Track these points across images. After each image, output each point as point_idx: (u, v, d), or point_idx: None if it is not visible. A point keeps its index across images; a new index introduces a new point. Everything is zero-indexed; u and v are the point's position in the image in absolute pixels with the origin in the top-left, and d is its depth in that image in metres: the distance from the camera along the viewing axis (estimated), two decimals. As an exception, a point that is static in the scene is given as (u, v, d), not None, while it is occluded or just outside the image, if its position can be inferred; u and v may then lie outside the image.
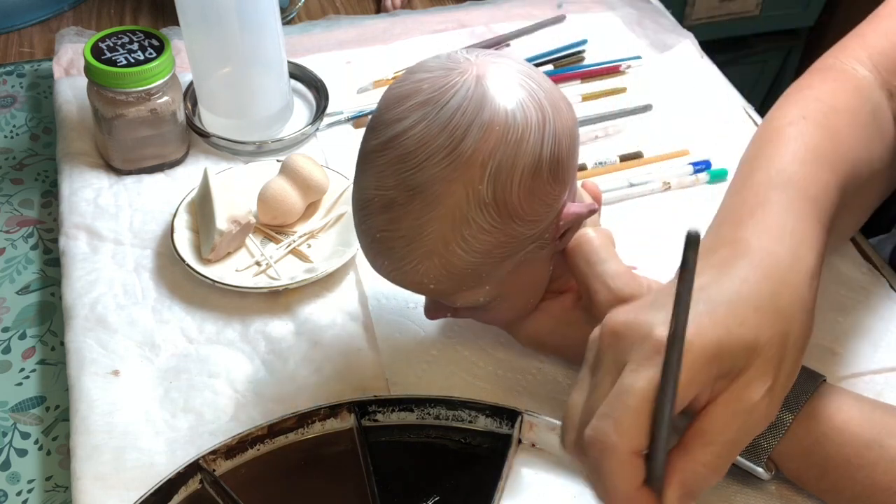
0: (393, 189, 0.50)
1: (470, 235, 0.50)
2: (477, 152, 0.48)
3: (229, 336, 0.64)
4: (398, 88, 0.51)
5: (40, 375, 0.63)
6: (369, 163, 0.52)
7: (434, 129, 0.49)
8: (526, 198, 0.50)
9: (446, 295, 0.55)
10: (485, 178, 0.49)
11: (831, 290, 0.67)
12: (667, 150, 0.79)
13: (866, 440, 0.51)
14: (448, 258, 0.51)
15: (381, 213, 0.51)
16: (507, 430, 0.57)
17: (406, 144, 0.49)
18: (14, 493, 0.57)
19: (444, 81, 0.50)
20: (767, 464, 0.53)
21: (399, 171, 0.50)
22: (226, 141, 0.78)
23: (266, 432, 0.56)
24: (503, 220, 0.50)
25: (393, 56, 0.89)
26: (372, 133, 0.52)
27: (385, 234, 0.51)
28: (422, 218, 0.50)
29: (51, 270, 0.70)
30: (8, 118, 0.84)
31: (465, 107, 0.49)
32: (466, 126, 0.48)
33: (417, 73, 0.51)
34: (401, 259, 0.52)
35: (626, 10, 0.97)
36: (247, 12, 0.73)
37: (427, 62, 0.52)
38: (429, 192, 0.49)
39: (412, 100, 0.50)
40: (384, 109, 0.51)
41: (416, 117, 0.49)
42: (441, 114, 0.49)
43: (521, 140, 0.49)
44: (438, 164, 0.49)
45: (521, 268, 0.54)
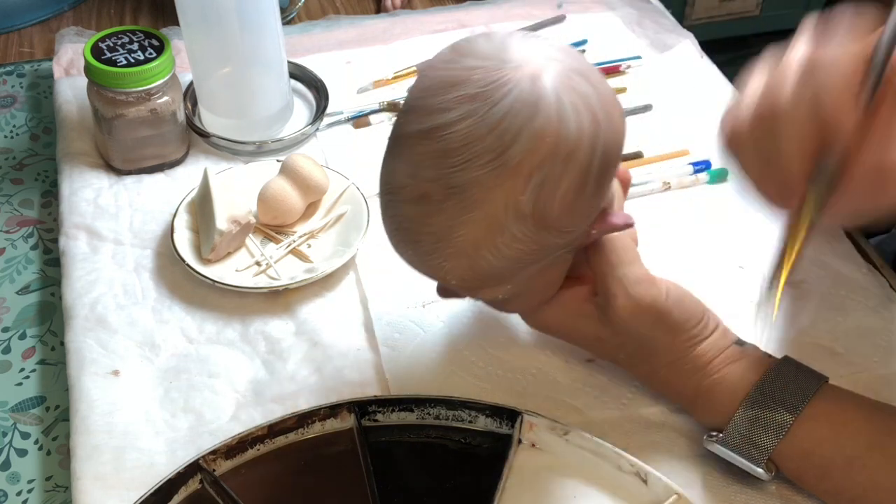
0: (429, 183, 0.47)
1: (502, 243, 0.48)
2: (524, 162, 0.46)
3: (229, 336, 0.64)
4: (445, 71, 0.48)
5: (40, 375, 0.63)
6: (406, 148, 0.49)
7: (482, 129, 0.46)
8: (566, 212, 0.48)
9: (466, 290, 0.54)
10: (527, 189, 0.46)
11: (831, 290, 0.67)
12: (667, 150, 0.79)
13: (867, 441, 0.51)
14: (476, 261, 0.49)
15: (413, 204, 0.49)
16: (507, 430, 0.57)
17: (450, 139, 0.46)
18: (14, 493, 0.57)
19: (497, 76, 0.46)
20: (768, 464, 0.53)
21: (439, 167, 0.47)
22: (226, 141, 0.78)
23: (266, 432, 0.56)
24: (538, 231, 0.48)
25: (393, 56, 0.89)
26: (412, 115, 0.48)
27: (413, 225, 0.49)
28: (456, 219, 0.48)
29: (51, 270, 0.70)
30: (8, 118, 0.84)
31: (517, 109, 0.46)
32: (517, 132, 0.46)
33: (467, 58, 0.47)
34: (426, 254, 0.50)
35: (626, 10, 0.97)
36: (247, 12, 0.73)
37: (478, 44, 0.48)
38: (467, 195, 0.47)
39: (460, 90, 0.46)
40: (428, 93, 0.48)
41: (463, 111, 0.46)
42: (491, 113, 0.46)
43: (571, 154, 0.46)
44: (482, 167, 0.46)
45: (545, 270, 0.53)
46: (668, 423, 0.59)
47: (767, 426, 0.52)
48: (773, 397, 0.52)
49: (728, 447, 0.53)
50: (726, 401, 0.54)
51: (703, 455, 0.57)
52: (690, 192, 0.76)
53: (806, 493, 0.54)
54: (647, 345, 0.55)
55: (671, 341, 0.55)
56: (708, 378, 0.55)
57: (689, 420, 0.58)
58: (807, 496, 0.54)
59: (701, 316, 0.55)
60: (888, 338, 0.64)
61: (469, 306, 0.66)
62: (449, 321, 0.65)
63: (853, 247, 0.70)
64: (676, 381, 0.56)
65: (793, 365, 0.54)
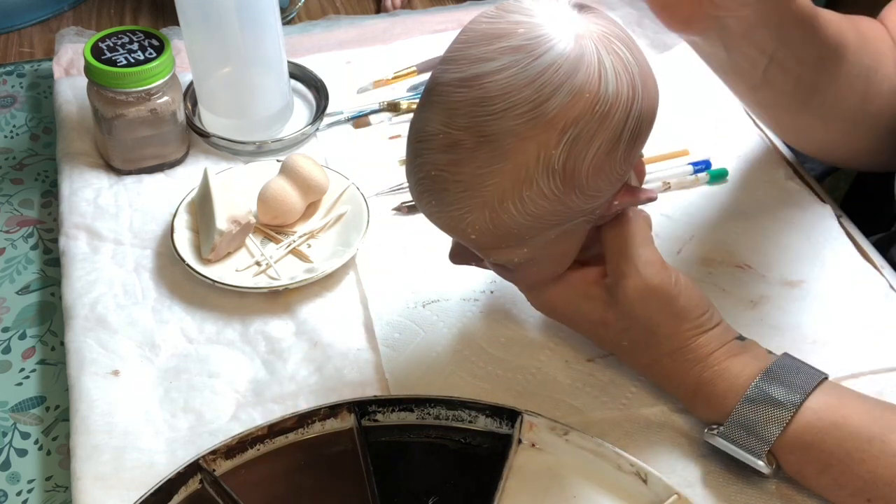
0: (462, 130, 0.48)
1: (528, 198, 0.49)
2: (560, 116, 0.46)
3: (229, 336, 0.64)
4: (490, 24, 0.48)
5: (40, 375, 0.63)
6: (441, 96, 0.49)
7: (522, 80, 0.46)
8: (595, 172, 0.49)
9: (483, 248, 0.53)
10: (561, 143, 0.47)
11: (831, 290, 0.67)
12: (667, 150, 0.79)
13: (867, 435, 0.51)
14: (499, 214, 0.49)
15: (443, 151, 0.49)
16: (507, 430, 0.57)
17: (489, 88, 0.47)
18: (14, 493, 0.57)
19: (542, 31, 0.47)
20: (768, 457, 0.53)
21: (474, 114, 0.47)
22: (226, 141, 0.78)
23: (266, 432, 0.56)
24: (565, 190, 0.49)
25: (393, 56, 0.89)
26: (451, 64, 0.49)
27: (442, 174, 0.49)
28: (486, 168, 0.48)
29: (51, 270, 0.70)
30: (8, 118, 0.84)
31: (558, 64, 0.46)
32: (557, 85, 0.46)
33: (513, 14, 0.48)
34: (451, 203, 0.50)
35: (626, 10, 0.97)
36: (247, 12, 0.73)
37: (525, 3, 0.49)
38: (500, 144, 0.47)
39: (504, 42, 0.47)
40: (469, 43, 0.48)
41: (505, 61, 0.46)
42: (533, 65, 0.46)
43: (606, 114, 0.47)
44: (518, 117, 0.46)
45: (562, 237, 0.53)
46: (668, 423, 0.59)
47: (768, 419, 0.52)
48: (774, 391, 0.53)
49: (728, 440, 0.53)
50: (727, 393, 0.54)
51: (703, 455, 0.57)
52: (690, 192, 0.76)
53: (806, 492, 0.55)
54: (651, 330, 0.55)
55: (676, 328, 0.55)
56: (709, 370, 0.55)
57: (690, 420, 0.58)
58: (807, 496, 0.55)
59: (707, 307, 0.56)
60: (888, 338, 0.64)
61: (469, 307, 0.66)
62: (449, 321, 0.65)
63: (853, 247, 0.71)
64: (678, 371, 0.56)
65: (793, 361, 0.55)
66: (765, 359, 0.55)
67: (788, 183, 0.76)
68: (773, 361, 0.55)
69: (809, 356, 0.56)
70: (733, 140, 0.80)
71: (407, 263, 0.68)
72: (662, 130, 0.81)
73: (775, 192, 0.75)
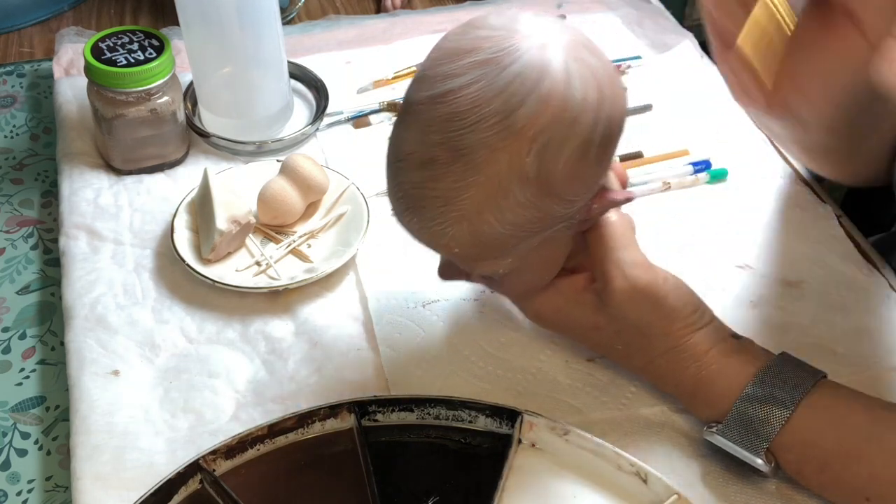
0: (437, 146, 0.49)
1: (506, 207, 0.49)
2: (529, 125, 0.47)
3: (229, 336, 0.64)
4: (456, 41, 0.49)
5: (40, 375, 0.63)
6: (415, 115, 0.50)
7: (490, 93, 0.47)
8: (568, 177, 0.49)
9: (467, 260, 0.54)
10: (532, 151, 0.48)
11: (831, 290, 0.67)
12: (667, 150, 0.79)
13: (866, 433, 0.51)
14: (479, 226, 0.50)
15: (420, 168, 0.49)
16: (507, 430, 0.57)
17: (459, 103, 0.47)
18: (14, 493, 0.57)
19: (507, 43, 0.48)
20: (767, 455, 0.53)
21: (446, 130, 0.48)
22: (226, 141, 0.78)
23: (266, 432, 0.56)
24: (541, 197, 0.49)
25: (393, 56, 0.89)
26: (422, 84, 0.50)
27: (420, 190, 0.50)
28: (461, 181, 0.49)
29: (51, 270, 0.70)
30: (8, 118, 0.84)
31: (525, 74, 0.47)
32: (524, 95, 0.47)
33: (479, 30, 0.49)
34: (431, 219, 0.51)
35: (626, 10, 0.97)
36: (247, 12, 0.73)
37: (489, 19, 0.50)
38: (473, 157, 0.48)
39: (471, 57, 0.48)
40: (439, 61, 0.49)
41: (473, 76, 0.47)
42: (500, 77, 0.47)
43: (575, 120, 0.48)
44: (489, 129, 0.47)
45: (545, 244, 0.53)
46: (668, 423, 0.59)
47: (767, 416, 0.52)
48: (773, 389, 0.53)
49: (727, 437, 0.53)
50: (726, 392, 0.54)
51: (703, 455, 0.57)
52: (690, 192, 0.76)
53: (806, 492, 0.55)
54: (643, 331, 0.56)
55: (667, 327, 0.55)
56: (706, 368, 0.55)
57: (690, 420, 0.58)
58: (807, 495, 0.55)
59: (697, 305, 0.56)
60: (888, 338, 0.64)
61: (469, 307, 0.66)
62: (449, 321, 0.65)
63: (853, 247, 0.71)
64: (674, 371, 0.56)
65: (792, 359, 0.55)
66: (763, 357, 0.55)
67: (788, 183, 0.76)
68: (771, 360, 0.55)
69: (809, 356, 0.56)
70: (733, 140, 0.80)
71: (407, 263, 0.68)
72: (662, 130, 0.82)
73: (775, 192, 0.75)
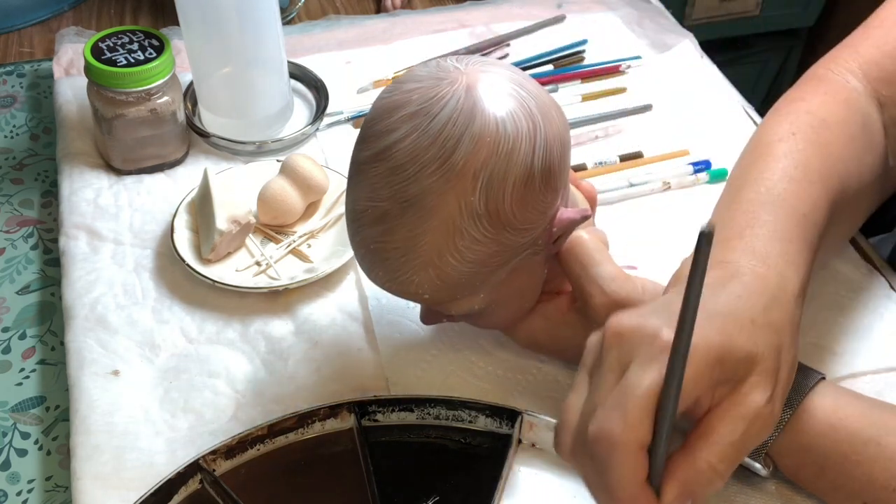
0: (386, 201, 0.50)
1: (463, 246, 0.50)
2: (468, 164, 0.49)
3: (229, 336, 0.64)
4: (387, 99, 0.51)
5: (40, 375, 0.63)
6: (361, 174, 0.52)
7: (425, 141, 0.49)
8: (518, 207, 0.50)
9: (441, 304, 0.55)
10: (477, 189, 0.49)
11: (831, 290, 0.67)
12: (667, 150, 0.79)
13: (864, 437, 0.51)
14: (442, 269, 0.51)
15: (375, 224, 0.51)
16: (507, 430, 0.57)
17: (397, 157, 0.49)
18: (14, 493, 0.57)
19: (433, 92, 0.50)
20: (765, 460, 0.53)
21: (392, 183, 0.50)
22: (226, 141, 0.78)
23: (266, 432, 0.56)
24: (496, 230, 0.50)
25: (393, 56, 0.89)
26: (363, 144, 0.52)
27: (379, 245, 0.51)
28: (416, 230, 0.50)
29: (51, 270, 0.70)
30: (8, 118, 0.84)
31: (454, 118, 0.49)
32: (457, 138, 0.48)
33: (407, 83, 0.51)
34: (395, 270, 0.52)
35: (626, 10, 0.97)
36: (247, 12, 0.73)
37: (417, 71, 0.52)
38: (422, 204, 0.49)
39: (402, 111, 0.50)
40: (374, 120, 0.51)
41: (406, 129, 0.49)
42: (431, 125, 0.49)
43: (511, 151, 0.49)
44: (431, 175, 0.49)
45: (515, 274, 0.54)
46: (668, 423, 0.58)
47: None
48: None
49: None
50: None
51: (702, 455, 0.57)
52: (690, 192, 0.76)
53: (805, 492, 0.54)
54: None
55: None
56: None
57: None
58: (806, 496, 0.55)
59: None
60: (888, 338, 0.64)
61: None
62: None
63: (853, 247, 0.70)
64: None
65: None
66: None
67: (788, 183, 0.76)
68: None
69: (809, 357, 0.56)
70: (733, 140, 0.80)
71: (407, 263, 0.68)
72: (662, 130, 0.82)
73: (775, 192, 0.75)
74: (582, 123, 0.81)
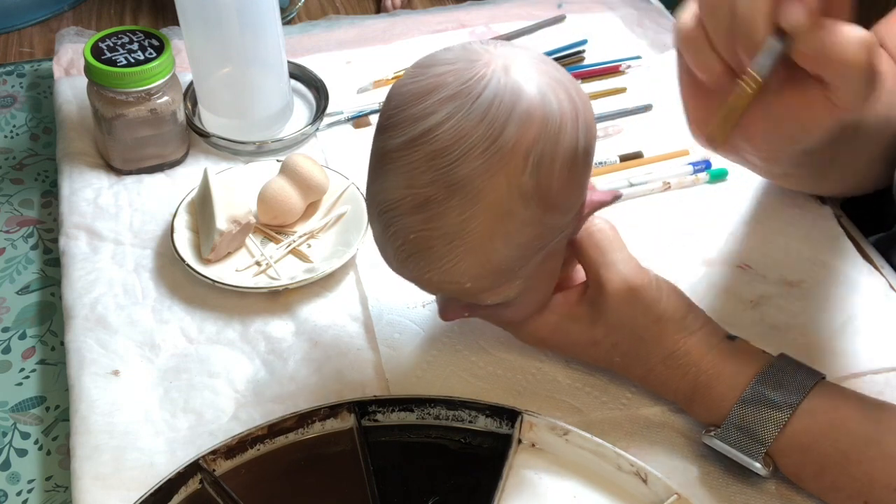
0: (429, 186, 0.48)
1: (512, 229, 0.49)
2: (519, 143, 0.47)
3: (229, 336, 0.64)
4: (416, 83, 0.49)
5: (40, 375, 0.63)
6: (394, 162, 0.49)
7: (471, 122, 0.47)
8: (564, 188, 0.49)
9: (478, 293, 0.53)
10: (527, 169, 0.48)
11: (831, 290, 0.67)
12: (667, 150, 0.79)
13: (864, 437, 0.51)
14: (489, 254, 0.50)
15: (415, 212, 0.49)
16: (507, 430, 0.57)
17: (441, 139, 0.47)
18: (14, 493, 0.57)
19: (471, 73, 0.48)
20: (765, 459, 0.53)
21: (434, 168, 0.48)
22: (226, 141, 0.78)
23: (266, 432, 0.56)
24: (543, 212, 0.49)
25: (393, 56, 0.89)
26: (393, 131, 0.49)
27: (422, 234, 0.49)
28: (464, 214, 0.48)
29: (51, 270, 0.70)
30: (8, 118, 0.84)
31: (501, 96, 0.47)
32: (506, 117, 0.47)
33: (435, 67, 0.49)
34: (440, 258, 0.50)
35: (626, 10, 0.98)
36: (247, 12, 0.73)
37: (441, 55, 0.50)
38: (470, 188, 0.48)
39: (439, 94, 0.48)
40: (402, 106, 0.49)
41: (448, 110, 0.47)
42: (476, 105, 0.47)
43: (559, 130, 0.48)
44: (479, 157, 0.47)
45: (548, 258, 0.53)
46: (668, 423, 0.59)
47: (764, 421, 0.52)
48: (770, 392, 0.53)
49: (726, 442, 0.53)
50: (724, 396, 0.54)
51: (703, 455, 0.57)
52: (690, 192, 0.76)
53: (805, 492, 0.55)
54: (638, 338, 0.56)
55: (661, 331, 0.55)
56: (704, 374, 0.55)
57: (689, 420, 0.58)
58: (806, 496, 0.55)
59: (688, 308, 0.56)
60: (888, 338, 0.64)
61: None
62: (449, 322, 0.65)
63: (853, 247, 0.71)
64: (673, 378, 0.56)
65: (790, 361, 0.55)
66: (760, 359, 0.55)
67: (788, 183, 0.76)
68: (769, 363, 0.55)
69: (809, 356, 0.56)
70: (733, 140, 0.80)
71: (407, 263, 0.68)
72: (662, 130, 0.82)
73: (775, 192, 0.75)
74: (582, 123, 0.81)
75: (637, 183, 0.75)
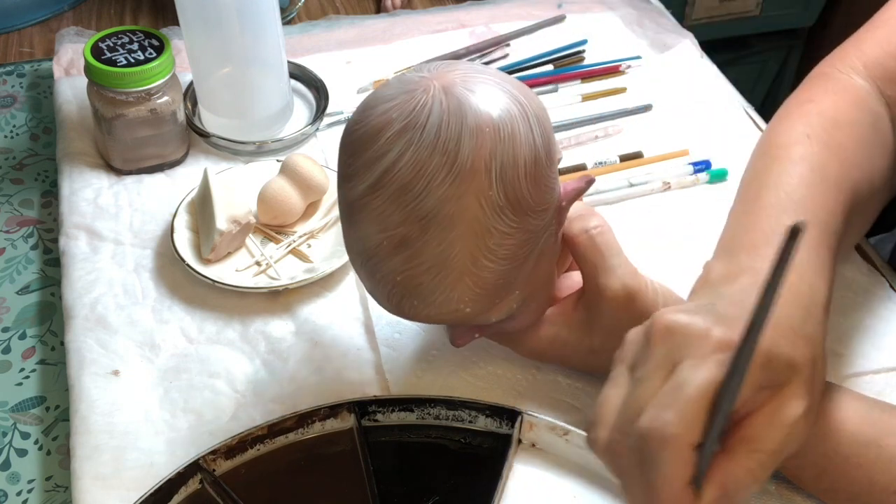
0: (401, 226, 0.48)
1: (494, 244, 0.49)
2: (478, 159, 0.47)
3: (229, 336, 0.64)
4: (363, 127, 0.49)
5: (40, 375, 0.63)
6: (362, 210, 0.50)
7: (425, 152, 0.47)
8: (534, 189, 0.49)
9: (482, 313, 0.53)
10: (493, 182, 0.48)
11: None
12: (667, 150, 0.79)
13: (864, 439, 0.51)
14: (479, 274, 0.50)
15: (396, 253, 0.49)
16: (507, 430, 0.57)
17: (401, 175, 0.48)
18: (14, 493, 0.57)
19: (412, 104, 0.48)
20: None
21: (402, 206, 0.48)
22: (226, 141, 0.78)
23: (266, 432, 0.56)
24: (520, 218, 0.49)
25: (393, 56, 0.89)
26: (354, 180, 0.50)
27: (408, 273, 0.50)
28: (443, 243, 0.48)
29: (51, 270, 0.70)
30: (8, 118, 0.84)
31: (446, 118, 0.47)
32: (457, 137, 0.47)
33: (378, 106, 0.49)
34: (431, 292, 0.50)
35: (626, 10, 0.97)
36: (247, 12, 0.73)
37: (380, 93, 0.50)
38: (442, 216, 0.48)
39: (387, 132, 0.48)
40: (358, 152, 0.49)
41: (400, 147, 0.48)
42: (425, 134, 0.47)
43: (513, 134, 0.48)
44: (442, 183, 0.47)
45: (539, 260, 0.53)
46: (668, 423, 0.58)
47: None
48: None
49: None
50: None
51: (703, 455, 0.57)
52: (690, 192, 0.76)
53: (805, 492, 0.54)
54: None
55: None
56: None
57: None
58: (806, 496, 0.55)
59: None
60: (888, 338, 0.64)
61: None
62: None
63: (853, 247, 0.70)
64: None
65: None
66: None
67: (788, 183, 0.76)
68: None
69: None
70: (733, 140, 0.80)
71: (407, 263, 0.68)
72: (662, 130, 0.82)
73: (775, 192, 0.75)
74: (582, 123, 0.81)
75: (637, 183, 0.75)
